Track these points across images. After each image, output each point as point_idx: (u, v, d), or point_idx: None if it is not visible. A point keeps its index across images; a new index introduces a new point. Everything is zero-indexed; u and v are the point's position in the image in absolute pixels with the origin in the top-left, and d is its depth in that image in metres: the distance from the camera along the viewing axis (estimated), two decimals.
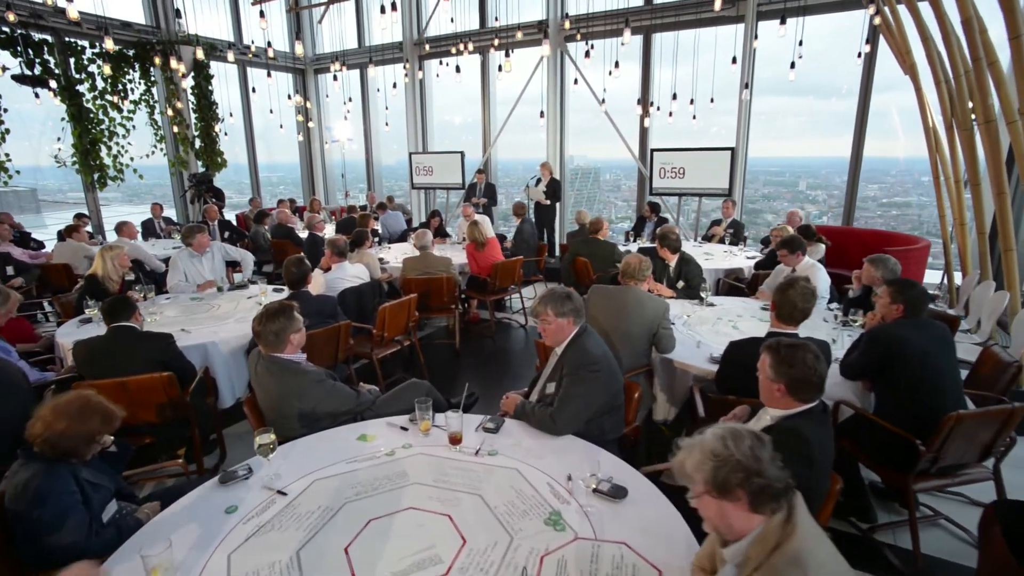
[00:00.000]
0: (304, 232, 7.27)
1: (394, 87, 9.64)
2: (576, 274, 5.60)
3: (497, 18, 9.07)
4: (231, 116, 10.48)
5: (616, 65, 6.98)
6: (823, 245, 5.41)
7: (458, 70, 8.02)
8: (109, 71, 7.73)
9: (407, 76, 10.17)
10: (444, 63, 10.04)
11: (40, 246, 7.19)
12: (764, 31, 7.39)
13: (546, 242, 7.92)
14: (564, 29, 8.69)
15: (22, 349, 3.71)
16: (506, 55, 6.98)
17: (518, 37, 8.49)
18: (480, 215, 7.14)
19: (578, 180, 19.38)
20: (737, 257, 6.04)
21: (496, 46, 8.37)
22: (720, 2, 5.32)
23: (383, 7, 6.00)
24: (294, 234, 7.30)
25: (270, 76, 9.22)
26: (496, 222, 9.33)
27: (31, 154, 9.22)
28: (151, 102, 9.18)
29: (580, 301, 2.46)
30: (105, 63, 7.92)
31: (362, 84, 11.63)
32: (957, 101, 4.65)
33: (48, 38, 7.77)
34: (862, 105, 7.15)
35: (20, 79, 7.46)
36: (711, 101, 7.93)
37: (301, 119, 11.80)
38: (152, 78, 9.12)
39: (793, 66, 6.38)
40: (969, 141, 4.58)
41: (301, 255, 3.92)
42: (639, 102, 8.50)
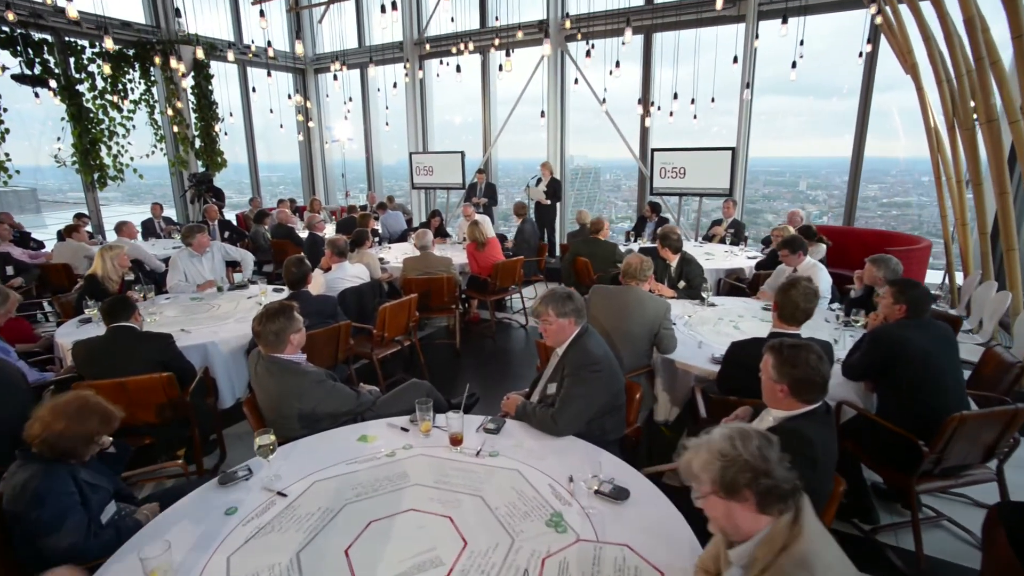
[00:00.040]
0: (304, 232, 7.26)
1: (394, 87, 9.63)
2: (577, 274, 5.59)
3: (497, 18, 9.06)
4: (231, 116, 10.47)
5: (617, 64, 6.96)
6: (824, 245, 5.40)
7: (459, 69, 8.01)
8: (109, 71, 7.72)
9: (407, 76, 10.16)
10: (444, 63, 10.03)
11: (40, 246, 7.18)
12: (765, 31, 7.39)
13: (546, 242, 7.91)
14: (564, 29, 8.68)
15: (21, 349, 3.70)
16: (507, 54, 6.97)
17: (518, 37, 8.47)
18: (480, 215, 7.13)
19: (578, 180, 19.38)
20: (738, 257, 6.03)
21: (496, 46, 8.36)
22: (721, 1, 5.30)
23: (383, 6, 5.99)
24: (294, 234, 7.29)
25: (270, 76, 9.20)
26: (496, 222, 9.31)
27: (31, 154, 9.22)
28: (151, 102, 9.17)
29: (581, 301, 2.45)
30: (105, 63, 7.91)
31: (362, 84, 11.62)
32: (959, 100, 4.64)
33: (48, 38, 7.76)
34: (863, 105, 7.13)
35: (20, 79, 7.45)
36: (712, 101, 7.92)
37: (301, 119, 11.78)
38: (152, 78, 9.10)
39: (795, 65, 6.36)
40: (971, 141, 4.57)
41: (301, 255, 3.91)
42: (640, 102, 8.50)
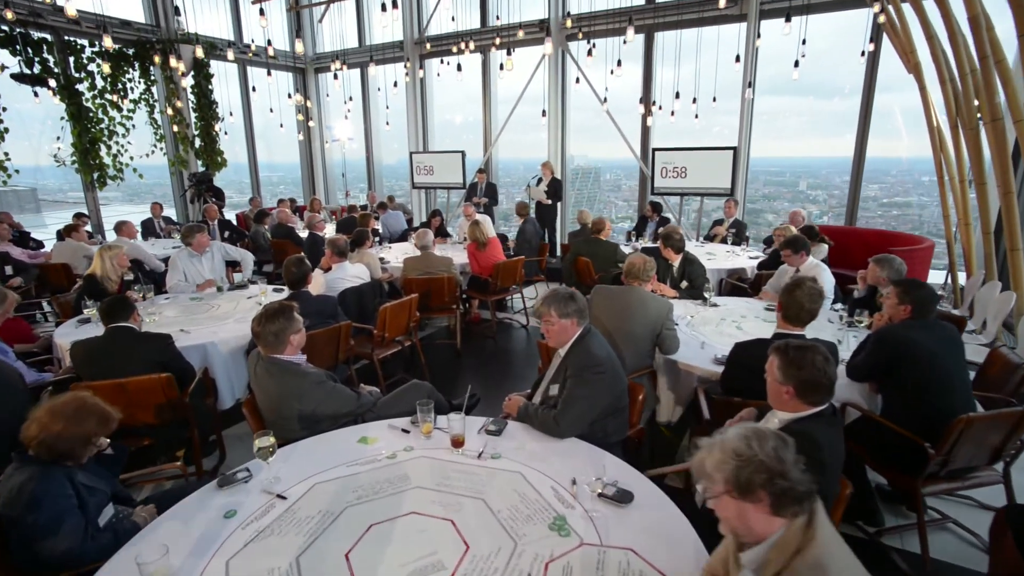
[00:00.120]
0: (304, 232, 7.24)
1: (395, 86, 9.60)
2: (578, 274, 5.57)
3: (498, 17, 9.04)
4: (231, 115, 10.44)
5: (619, 63, 6.93)
6: (826, 245, 5.39)
7: (459, 68, 7.99)
8: (108, 70, 7.70)
9: (408, 75, 10.13)
10: (445, 62, 10.01)
11: (39, 246, 7.16)
12: (766, 30, 7.36)
13: (547, 242, 7.88)
14: (565, 28, 8.65)
15: (20, 349, 3.68)
16: (507, 53, 6.95)
17: (519, 36, 8.45)
18: (481, 215, 7.11)
19: (578, 180, 19.36)
20: (740, 257, 6.01)
21: (497, 45, 8.33)
22: (724, 0, 5.28)
23: (384, 5, 5.96)
24: (294, 234, 7.27)
25: (270, 75, 9.17)
26: (497, 222, 9.29)
27: (31, 153, 9.18)
28: (151, 101, 9.14)
29: (584, 302, 2.43)
30: (104, 62, 7.88)
31: (362, 83, 11.59)
32: (962, 100, 4.61)
33: (47, 37, 7.74)
34: (865, 104, 7.11)
35: (19, 78, 7.42)
36: (713, 100, 7.89)
37: (301, 118, 11.76)
38: (152, 77, 9.08)
39: (797, 64, 6.34)
40: (974, 140, 4.54)
41: (301, 255, 3.89)
42: (641, 101, 8.47)
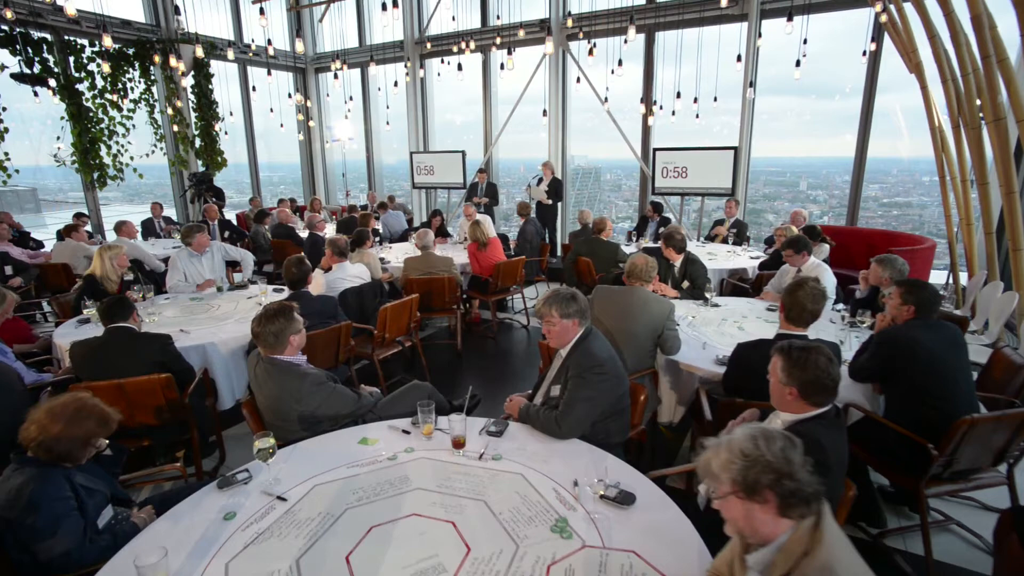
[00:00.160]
0: (304, 232, 7.23)
1: (395, 86, 9.59)
2: (578, 274, 5.56)
3: (499, 16, 9.02)
4: (231, 115, 10.43)
5: (620, 63, 6.92)
6: (827, 245, 5.37)
7: (460, 68, 7.97)
8: (108, 70, 7.69)
9: (408, 75, 10.12)
10: (445, 62, 9.99)
11: (39, 246, 7.15)
12: (767, 30, 7.35)
13: (547, 242, 7.87)
14: (566, 28, 8.64)
15: (19, 350, 3.67)
16: (508, 53, 6.93)
17: (520, 36, 8.43)
18: (482, 214, 7.10)
19: (579, 180, 19.35)
20: (741, 257, 5.99)
21: (498, 45, 8.31)
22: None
23: (384, 4, 5.94)
24: (294, 234, 7.26)
25: (270, 75, 9.16)
26: (497, 222, 9.28)
27: (31, 153, 9.17)
28: (151, 101, 9.13)
29: (585, 302, 2.42)
30: (104, 62, 7.87)
31: (363, 83, 11.58)
32: (964, 99, 4.60)
33: (47, 36, 7.73)
34: (866, 104, 7.09)
35: (19, 78, 7.42)
36: (714, 100, 7.88)
37: (301, 118, 11.75)
38: (152, 77, 9.07)
39: (799, 64, 6.33)
40: (977, 140, 4.53)
41: (301, 255, 3.88)
42: (642, 101, 8.46)
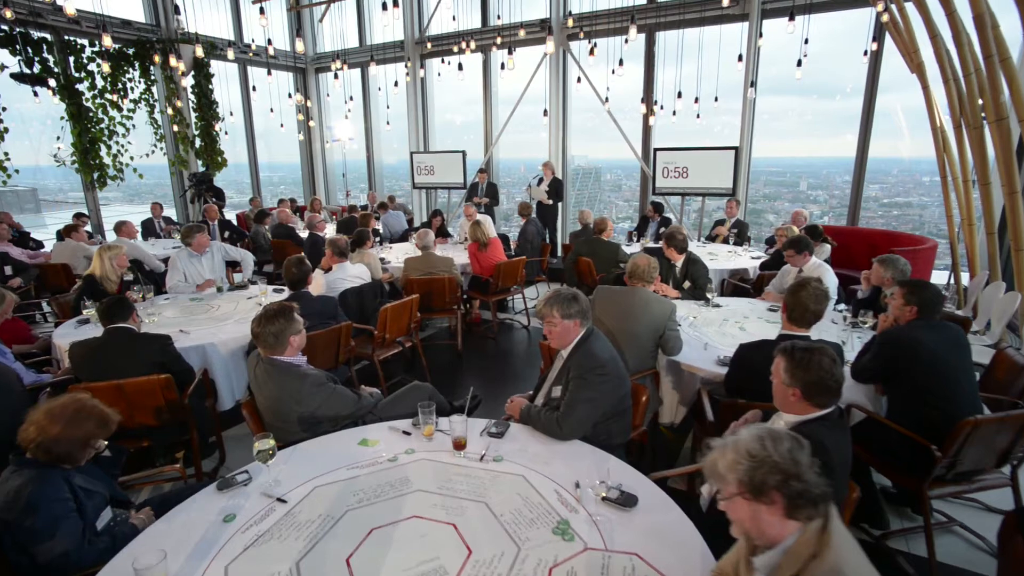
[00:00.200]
0: (305, 232, 7.22)
1: (395, 86, 9.57)
2: (579, 274, 5.54)
3: (499, 16, 9.00)
4: (231, 115, 10.42)
5: (620, 63, 6.90)
6: (829, 245, 5.36)
7: (460, 68, 7.96)
8: (108, 69, 7.68)
9: (408, 75, 10.11)
10: (446, 62, 9.97)
11: (39, 246, 7.14)
12: (768, 29, 7.34)
13: (548, 242, 7.85)
14: (567, 27, 8.62)
15: (18, 350, 3.66)
16: (509, 53, 6.92)
17: (521, 35, 8.42)
18: (482, 215, 7.09)
19: (579, 180, 19.34)
20: (741, 257, 5.98)
21: (498, 44, 8.29)
22: None
23: (384, 4, 5.93)
24: (295, 234, 7.25)
25: (270, 75, 9.15)
26: (497, 222, 9.26)
27: (31, 153, 9.16)
28: (151, 101, 9.12)
29: (587, 303, 2.40)
30: (104, 62, 7.86)
31: (363, 83, 11.57)
32: (966, 99, 4.58)
33: (47, 36, 7.72)
34: (867, 104, 7.07)
35: (19, 78, 7.40)
36: (715, 100, 7.86)
37: (302, 118, 11.74)
38: (152, 77, 9.06)
39: (800, 64, 6.32)
40: (979, 140, 4.51)
41: (302, 255, 3.87)
42: (643, 101, 8.44)
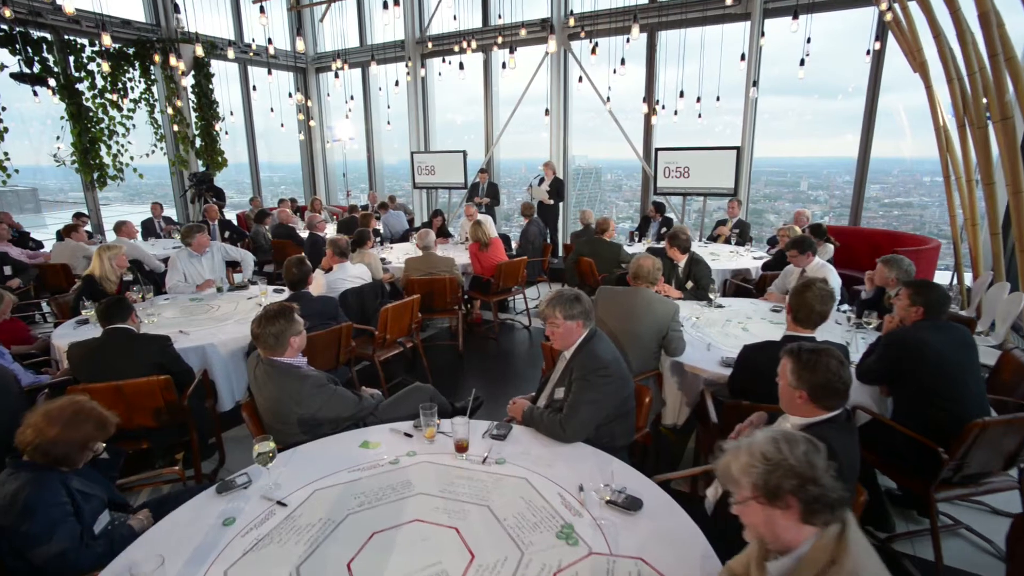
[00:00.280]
0: (305, 232, 7.20)
1: (396, 85, 9.55)
2: (580, 275, 5.52)
3: (500, 16, 8.98)
4: (231, 115, 10.40)
5: (622, 62, 6.88)
6: (832, 246, 5.33)
7: (461, 67, 7.94)
8: (108, 69, 7.66)
9: (409, 74, 10.08)
10: (447, 61, 9.95)
11: (39, 246, 7.12)
12: (769, 29, 7.32)
13: (549, 242, 7.82)
14: (568, 27, 8.60)
15: (17, 351, 3.64)
16: (510, 52, 6.90)
17: (522, 35, 8.40)
18: (483, 215, 7.06)
19: (579, 180, 19.33)
20: (744, 257, 5.95)
21: (499, 44, 8.26)
22: None
23: (385, 3, 5.91)
24: (295, 234, 7.23)
25: (271, 74, 9.13)
26: (498, 222, 9.24)
27: (31, 153, 9.15)
28: (151, 101, 9.10)
29: (590, 303, 2.38)
30: (104, 61, 7.84)
31: (364, 83, 11.55)
32: (970, 98, 4.56)
33: (47, 36, 7.70)
34: (870, 103, 7.05)
35: (19, 77, 7.38)
36: (717, 100, 7.84)
37: (302, 118, 11.72)
38: (152, 76, 9.04)
39: (803, 63, 6.30)
40: (983, 139, 4.49)
41: (302, 255, 3.85)
42: (644, 101, 8.42)
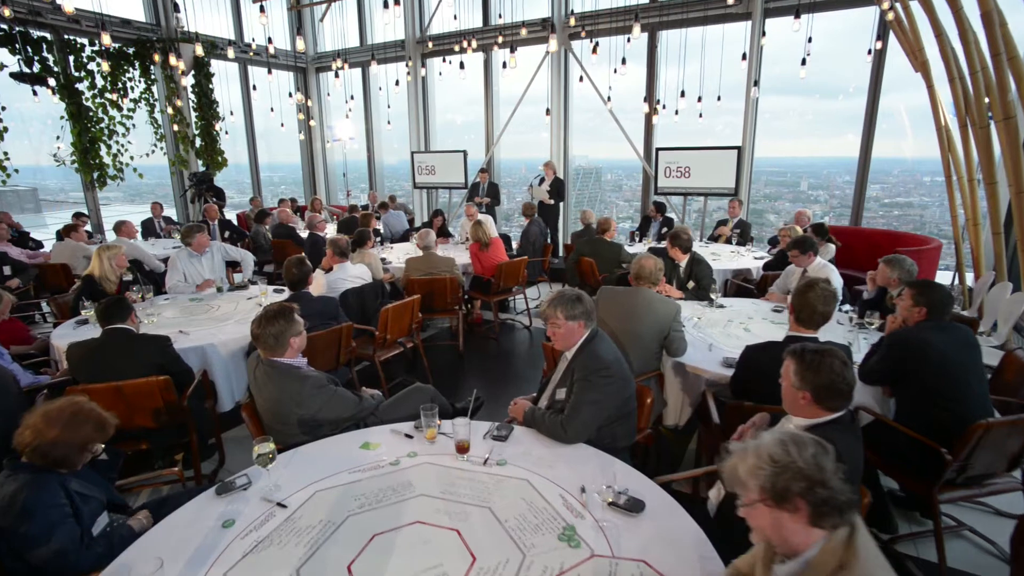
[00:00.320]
0: (305, 232, 7.19)
1: (396, 85, 9.54)
2: (581, 275, 5.51)
3: (501, 15, 8.97)
4: (232, 115, 10.38)
5: (623, 62, 6.87)
6: (833, 245, 5.31)
7: (462, 66, 7.94)
8: (108, 69, 7.64)
9: (409, 74, 10.07)
10: (447, 61, 9.94)
11: (39, 246, 7.11)
12: (770, 29, 7.31)
13: (550, 242, 7.81)
14: (569, 26, 8.59)
15: (16, 351, 3.63)
16: (511, 51, 6.89)
17: (522, 35, 8.38)
18: (483, 215, 7.05)
19: (579, 180, 19.33)
20: (745, 257, 5.94)
21: (500, 44, 8.24)
22: None
23: (386, 2, 5.90)
24: (295, 234, 7.22)
25: (271, 74, 9.12)
26: (499, 222, 9.23)
27: (31, 153, 9.14)
28: (151, 100, 9.08)
29: (591, 303, 2.37)
30: (104, 61, 7.83)
31: (364, 82, 11.53)
32: (972, 98, 4.54)
33: (47, 35, 7.69)
34: (871, 103, 7.04)
35: (19, 77, 7.37)
36: (718, 99, 7.83)
37: (302, 118, 11.71)
38: (152, 76, 9.03)
39: (804, 63, 6.29)
40: (985, 138, 4.47)
41: (302, 255, 3.84)
42: (645, 100, 8.41)
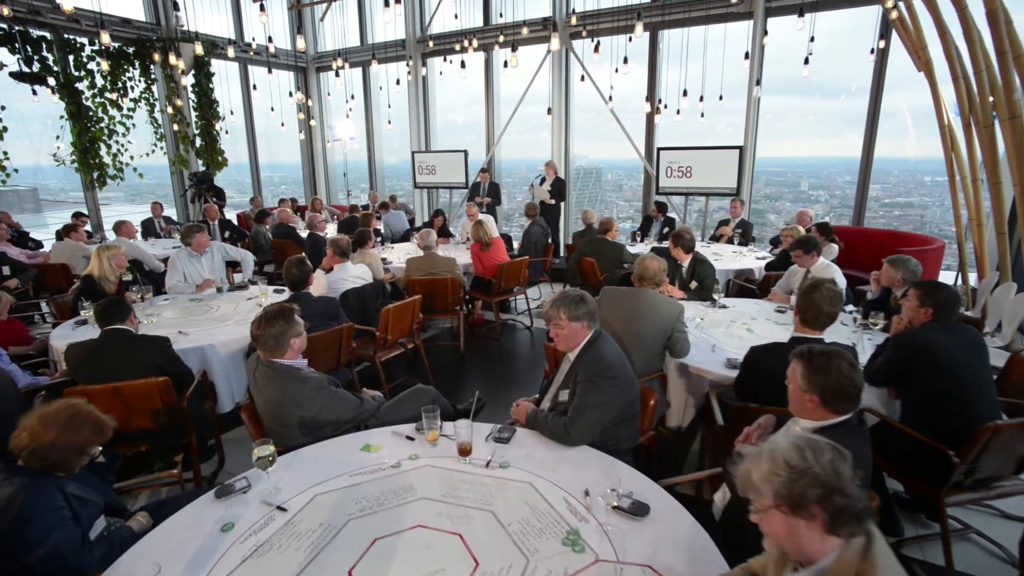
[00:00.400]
0: (305, 232, 7.17)
1: (397, 84, 9.51)
2: (583, 275, 5.48)
3: (502, 15, 8.95)
4: (232, 114, 10.36)
5: (624, 61, 6.84)
6: (836, 246, 5.29)
7: (463, 66, 7.91)
8: (108, 68, 7.62)
9: (410, 74, 10.05)
10: (448, 60, 9.91)
11: (38, 245, 7.09)
12: (772, 28, 7.28)
13: (551, 242, 7.78)
14: (570, 26, 8.56)
15: (14, 352, 3.61)
16: (512, 51, 6.86)
17: (523, 34, 8.36)
18: (484, 214, 7.03)
19: (580, 180, 19.29)
20: (747, 257, 5.91)
21: (501, 43, 8.21)
22: None
23: (387, 1, 5.88)
24: (295, 234, 7.20)
25: (271, 73, 9.09)
26: (500, 222, 9.20)
27: (31, 153, 9.10)
28: (151, 100, 9.06)
29: (594, 304, 2.34)
30: (104, 60, 7.80)
31: (364, 82, 11.51)
32: (976, 97, 4.52)
33: (47, 35, 7.67)
34: (873, 103, 7.01)
35: (18, 76, 7.35)
36: (719, 99, 7.80)
37: (303, 117, 11.68)
38: (152, 76, 9.00)
39: (807, 62, 6.26)
40: (989, 138, 4.45)
41: (302, 255, 3.82)
42: (647, 100, 8.38)
